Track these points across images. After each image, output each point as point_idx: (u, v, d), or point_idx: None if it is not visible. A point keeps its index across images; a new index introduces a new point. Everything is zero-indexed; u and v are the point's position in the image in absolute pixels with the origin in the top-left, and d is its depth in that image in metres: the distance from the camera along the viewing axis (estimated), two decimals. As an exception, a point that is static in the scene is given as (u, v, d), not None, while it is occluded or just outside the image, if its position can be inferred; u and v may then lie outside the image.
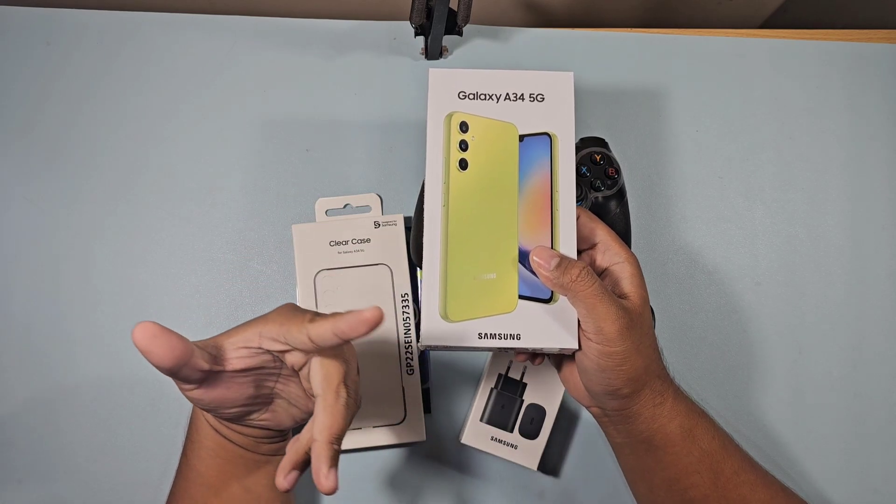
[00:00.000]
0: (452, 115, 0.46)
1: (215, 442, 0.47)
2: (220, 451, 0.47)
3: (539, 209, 0.46)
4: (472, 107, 0.47)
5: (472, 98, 0.47)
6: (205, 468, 0.47)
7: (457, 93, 0.47)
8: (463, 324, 0.44)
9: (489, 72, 0.47)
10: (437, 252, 0.45)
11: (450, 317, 0.44)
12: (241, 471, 0.48)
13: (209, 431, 0.47)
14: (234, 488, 0.47)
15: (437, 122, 0.46)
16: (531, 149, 0.46)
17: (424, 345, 0.44)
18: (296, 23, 0.63)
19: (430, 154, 0.46)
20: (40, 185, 0.59)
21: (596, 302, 0.42)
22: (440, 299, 0.44)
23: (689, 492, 0.46)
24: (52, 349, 0.57)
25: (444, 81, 0.47)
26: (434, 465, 0.57)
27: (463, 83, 0.47)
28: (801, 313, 0.60)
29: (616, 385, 0.43)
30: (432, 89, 0.47)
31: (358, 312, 0.38)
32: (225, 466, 0.47)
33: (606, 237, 0.46)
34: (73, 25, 0.61)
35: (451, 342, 0.44)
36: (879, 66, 0.64)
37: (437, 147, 0.46)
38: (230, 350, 0.41)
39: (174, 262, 0.59)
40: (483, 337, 0.44)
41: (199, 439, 0.48)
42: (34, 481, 0.56)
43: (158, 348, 0.37)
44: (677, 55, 0.64)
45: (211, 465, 0.47)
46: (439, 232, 0.45)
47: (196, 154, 0.60)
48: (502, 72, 0.47)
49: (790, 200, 0.62)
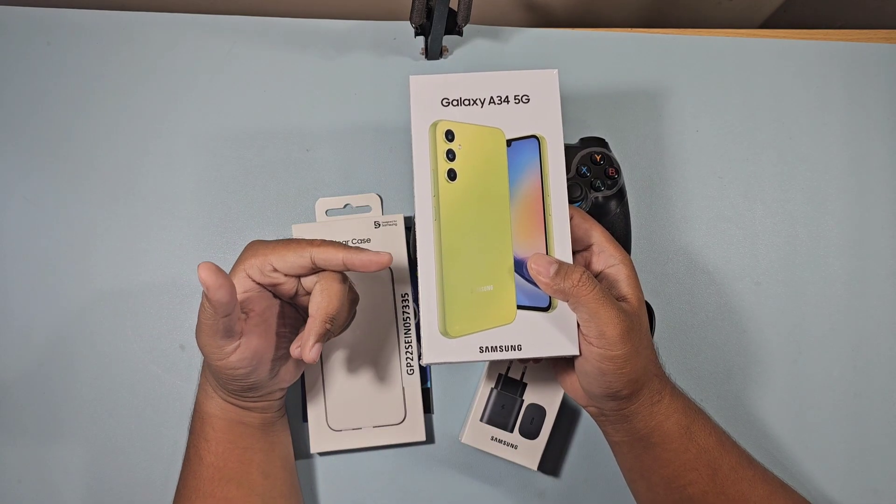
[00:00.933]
0: (437, 123, 0.45)
1: (235, 433, 0.49)
2: (240, 440, 0.49)
3: (531, 215, 0.45)
4: (457, 114, 0.45)
5: (457, 104, 0.45)
6: (222, 462, 0.49)
7: (440, 100, 0.45)
8: (463, 339, 0.44)
9: (472, 75, 0.46)
10: (433, 268, 0.44)
11: (450, 333, 0.44)
12: (259, 456, 0.50)
13: (228, 423, 0.49)
14: (255, 475, 0.50)
15: (422, 132, 0.45)
16: (519, 153, 0.46)
17: (426, 362, 0.44)
18: (296, 23, 0.63)
19: (417, 166, 0.45)
20: (40, 185, 0.59)
21: (598, 306, 0.42)
22: (439, 316, 0.44)
23: (688, 489, 0.46)
24: (51, 349, 0.57)
25: (425, 89, 0.45)
26: (434, 465, 0.57)
27: (445, 89, 0.45)
28: (801, 313, 0.60)
29: (616, 387, 0.43)
30: (414, 98, 0.45)
31: (375, 253, 0.45)
32: (244, 455, 0.49)
33: (601, 238, 0.46)
34: (74, 25, 0.61)
35: (452, 358, 0.44)
36: (879, 66, 0.64)
37: (423, 159, 0.45)
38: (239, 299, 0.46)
39: (174, 262, 0.59)
40: (484, 350, 0.44)
41: (216, 435, 0.49)
42: (34, 481, 0.56)
43: (224, 283, 0.41)
44: (677, 55, 0.64)
45: (230, 457, 0.49)
46: (433, 247, 0.44)
47: (196, 154, 0.60)
48: (485, 74, 0.46)
49: (790, 200, 0.62)
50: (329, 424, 0.55)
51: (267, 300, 0.48)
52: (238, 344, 0.45)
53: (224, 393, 0.48)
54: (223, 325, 0.43)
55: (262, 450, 0.50)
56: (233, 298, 0.43)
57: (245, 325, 0.46)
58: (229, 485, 0.48)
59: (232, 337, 0.45)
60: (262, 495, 0.50)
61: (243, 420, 0.49)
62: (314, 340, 0.44)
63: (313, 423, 0.55)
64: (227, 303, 0.42)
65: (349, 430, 0.55)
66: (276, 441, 0.52)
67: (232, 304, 0.43)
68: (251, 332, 0.46)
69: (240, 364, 0.45)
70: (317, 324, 0.44)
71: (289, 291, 0.48)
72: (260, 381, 0.47)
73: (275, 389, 0.50)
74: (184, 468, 0.50)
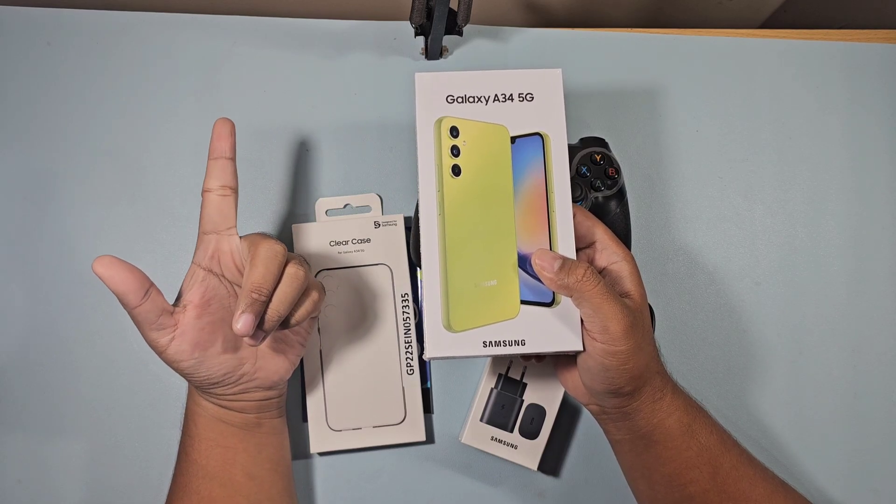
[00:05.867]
0: (442, 120, 0.45)
1: (216, 431, 0.48)
2: (221, 439, 0.48)
3: (535, 211, 0.45)
4: (461, 111, 0.46)
5: (461, 101, 0.46)
6: (205, 460, 0.48)
7: (445, 97, 0.46)
8: (467, 333, 0.44)
9: (476, 73, 0.46)
10: (437, 262, 0.44)
11: (453, 327, 0.44)
12: (243, 457, 0.49)
13: (209, 420, 0.48)
14: (238, 476, 0.49)
15: (427, 128, 0.45)
16: (523, 150, 0.46)
17: (430, 357, 0.44)
18: (296, 23, 0.63)
19: (422, 162, 0.45)
20: (40, 185, 0.59)
21: (602, 301, 0.42)
22: (443, 310, 0.44)
23: (689, 487, 0.46)
24: (51, 349, 0.57)
25: (431, 86, 0.46)
26: (434, 465, 0.57)
27: (450, 86, 0.46)
28: (801, 313, 0.60)
29: (619, 384, 0.44)
30: (419, 94, 0.46)
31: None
32: (227, 455, 0.48)
33: (604, 235, 0.46)
34: (74, 26, 0.61)
35: (456, 353, 0.44)
36: (879, 66, 0.64)
37: (428, 154, 0.45)
38: (184, 292, 0.46)
39: (174, 262, 0.59)
40: (488, 345, 0.44)
41: (199, 432, 0.48)
42: (34, 481, 0.56)
43: (118, 273, 0.42)
44: (677, 55, 0.64)
45: (212, 455, 0.48)
46: (437, 242, 0.44)
47: (196, 154, 0.60)
48: (490, 72, 0.46)
49: (790, 200, 0.62)
50: (329, 424, 0.55)
51: (215, 290, 0.47)
52: (172, 336, 0.45)
53: (198, 390, 0.48)
54: (143, 316, 0.43)
55: (245, 450, 0.49)
56: (136, 288, 0.42)
57: (182, 316, 0.45)
58: (213, 483, 0.48)
59: (164, 329, 0.44)
60: (247, 496, 0.49)
61: (223, 419, 0.49)
62: (240, 311, 0.42)
63: (313, 423, 0.55)
64: (127, 293, 0.42)
65: (349, 430, 0.55)
66: (265, 443, 0.50)
67: (137, 294, 0.43)
68: (190, 324, 0.45)
69: (178, 357, 0.45)
70: (243, 293, 0.42)
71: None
72: (214, 375, 0.46)
73: (250, 388, 0.48)
74: (175, 465, 0.50)
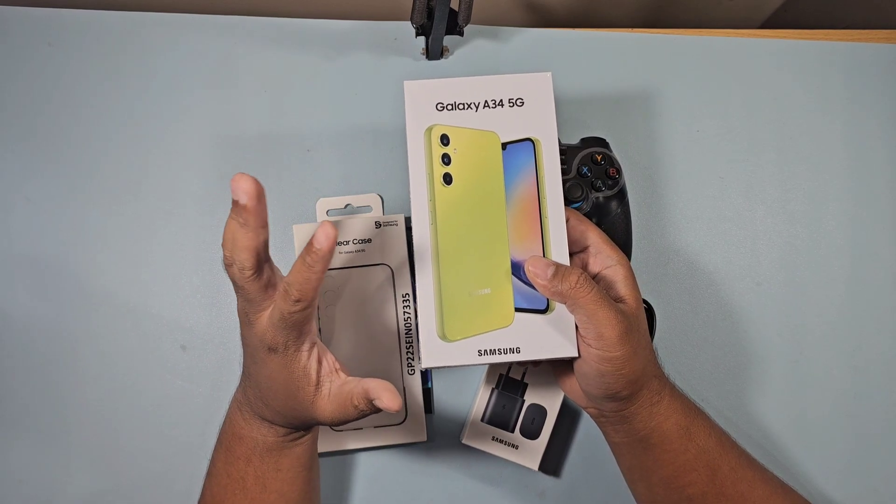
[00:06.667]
0: (432, 128, 0.45)
1: (264, 446, 0.46)
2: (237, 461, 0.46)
3: (528, 217, 0.45)
4: (452, 118, 0.46)
5: (451, 109, 0.46)
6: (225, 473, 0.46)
7: (434, 104, 0.46)
8: (462, 342, 0.44)
9: (466, 79, 0.46)
10: (430, 272, 0.44)
11: (448, 336, 0.44)
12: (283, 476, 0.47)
13: (259, 436, 0.46)
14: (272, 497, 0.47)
15: (418, 136, 0.45)
16: (515, 156, 0.46)
17: (425, 367, 0.44)
18: (296, 23, 0.63)
19: (413, 171, 0.45)
20: (42, 186, 0.59)
21: (596, 308, 0.42)
22: (437, 319, 0.44)
23: (687, 489, 0.46)
24: (53, 350, 0.57)
25: (420, 93, 0.46)
26: (435, 465, 0.57)
27: (440, 94, 0.46)
28: (801, 313, 0.60)
29: (616, 389, 0.44)
30: (409, 103, 0.46)
31: None
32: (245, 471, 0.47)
33: (597, 239, 0.46)
34: (75, 26, 0.61)
35: (451, 362, 0.44)
36: (879, 66, 0.64)
37: (419, 163, 0.45)
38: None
39: (175, 262, 0.59)
40: (483, 353, 0.44)
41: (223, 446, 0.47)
42: (35, 481, 0.56)
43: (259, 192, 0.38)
44: (677, 55, 0.64)
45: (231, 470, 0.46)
46: (430, 251, 0.44)
47: (197, 154, 0.60)
48: (479, 78, 0.46)
49: (790, 200, 0.62)
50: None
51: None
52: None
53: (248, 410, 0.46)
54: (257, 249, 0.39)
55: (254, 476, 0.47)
56: (265, 220, 0.39)
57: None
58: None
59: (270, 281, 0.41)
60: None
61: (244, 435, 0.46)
62: (390, 391, 0.42)
63: (314, 424, 0.55)
64: (261, 214, 0.38)
65: (349, 430, 0.55)
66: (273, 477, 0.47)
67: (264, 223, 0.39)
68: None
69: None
70: (383, 384, 0.42)
71: None
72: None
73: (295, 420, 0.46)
74: (211, 488, 0.48)
